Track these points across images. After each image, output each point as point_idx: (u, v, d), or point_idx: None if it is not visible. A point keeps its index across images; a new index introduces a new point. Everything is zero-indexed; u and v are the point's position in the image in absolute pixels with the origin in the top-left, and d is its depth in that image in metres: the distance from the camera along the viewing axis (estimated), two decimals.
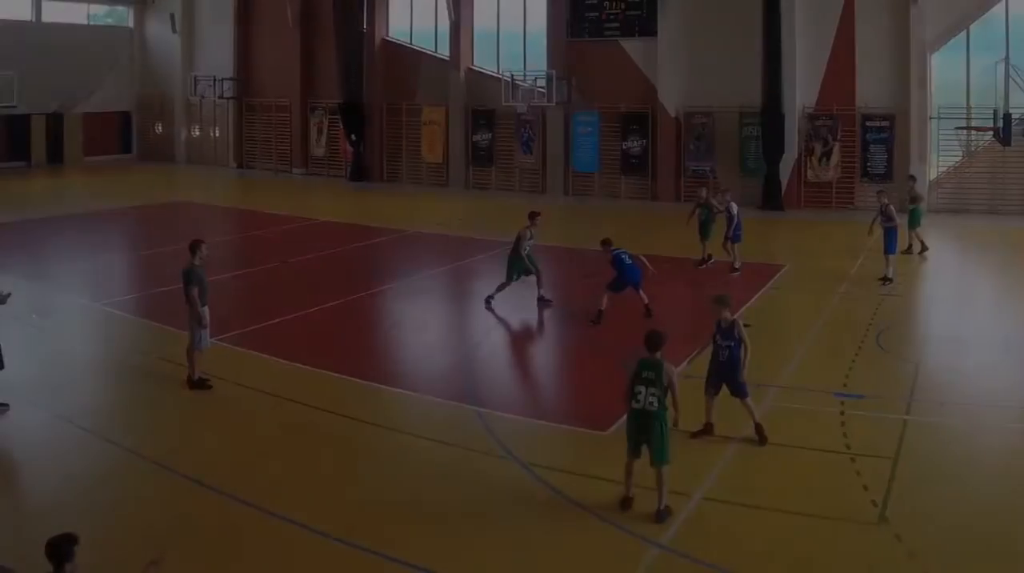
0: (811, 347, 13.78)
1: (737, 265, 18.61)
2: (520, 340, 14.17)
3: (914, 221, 20.25)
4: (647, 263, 15.22)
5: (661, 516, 8.21)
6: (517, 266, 15.58)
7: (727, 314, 10.00)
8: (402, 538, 7.87)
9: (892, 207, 18.18)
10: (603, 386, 11.49)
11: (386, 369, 12.84)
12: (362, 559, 7.57)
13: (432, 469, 9.44)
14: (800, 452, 9.81)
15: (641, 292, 14.72)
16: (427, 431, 10.40)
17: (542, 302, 15.75)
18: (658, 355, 8.43)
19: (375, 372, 12.46)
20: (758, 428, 9.90)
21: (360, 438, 10.27)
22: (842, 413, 10.77)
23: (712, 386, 10.11)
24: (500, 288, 15.62)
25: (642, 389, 8.26)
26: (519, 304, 15.87)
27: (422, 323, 15.58)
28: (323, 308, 15.80)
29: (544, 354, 14.09)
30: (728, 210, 18.68)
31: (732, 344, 9.88)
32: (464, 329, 15.63)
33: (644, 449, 8.35)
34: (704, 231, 18.90)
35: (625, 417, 8.63)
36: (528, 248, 15.61)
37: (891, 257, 17.60)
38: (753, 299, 16.29)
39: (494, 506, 8.57)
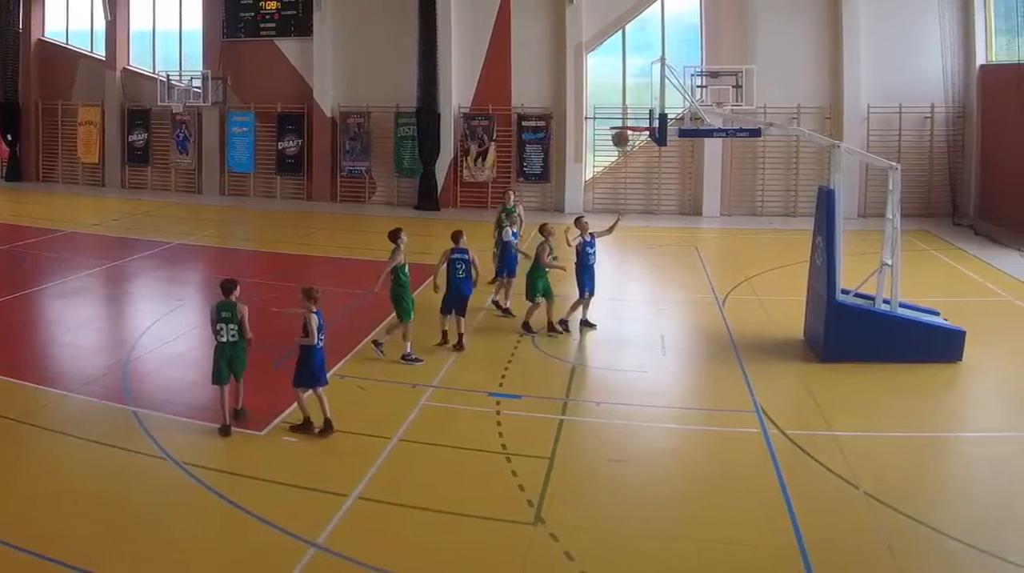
0: (466, 347, 13.43)
1: None
2: (177, 341, 13.74)
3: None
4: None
5: (239, 414, 10.29)
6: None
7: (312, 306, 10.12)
8: (59, 538, 7.72)
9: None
10: (259, 388, 11.25)
11: (42, 369, 12.44)
12: (18, 558, 7.40)
13: (89, 469, 9.35)
14: (455, 452, 9.81)
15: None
16: (84, 431, 10.18)
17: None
18: (232, 298, 10.08)
19: (31, 372, 12.14)
20: (327, 422, 10.14)
21: (15, 438, 10.01)
22: (498, 413, 10.76)
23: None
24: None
25: (223, 326, 10.08)
26: (175, 305, 15.88)
27: (78, 324, 15.07)
28: None
29: (201, 356, 13.37)
30: None
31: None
32: (121, 330, 15.30)
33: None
34: None
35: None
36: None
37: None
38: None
39: (152, 507, 8.49)
